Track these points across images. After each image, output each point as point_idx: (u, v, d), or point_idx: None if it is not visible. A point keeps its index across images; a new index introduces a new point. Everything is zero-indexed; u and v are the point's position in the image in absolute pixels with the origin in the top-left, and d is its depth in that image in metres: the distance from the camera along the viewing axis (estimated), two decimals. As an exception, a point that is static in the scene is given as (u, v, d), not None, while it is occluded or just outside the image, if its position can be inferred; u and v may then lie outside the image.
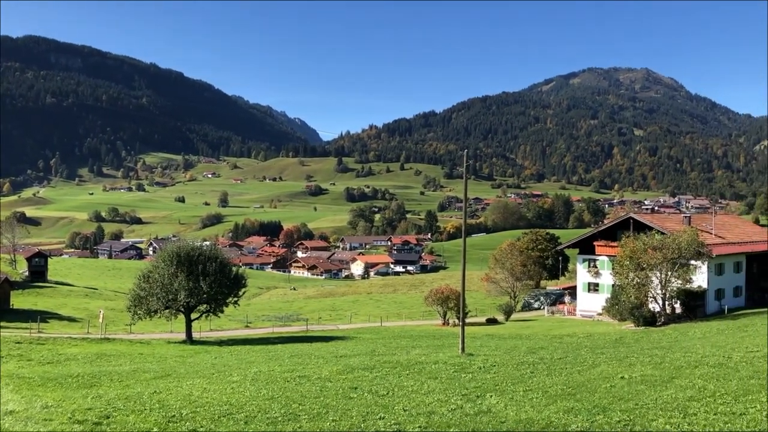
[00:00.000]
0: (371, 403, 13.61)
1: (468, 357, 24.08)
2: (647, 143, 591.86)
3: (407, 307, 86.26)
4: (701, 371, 16.13)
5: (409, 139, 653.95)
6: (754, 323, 35.87)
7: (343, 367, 20.84)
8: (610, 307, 47.35)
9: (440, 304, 58.40)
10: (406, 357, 24.72)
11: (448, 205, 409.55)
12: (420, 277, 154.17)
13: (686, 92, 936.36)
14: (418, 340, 37.77)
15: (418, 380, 17.14)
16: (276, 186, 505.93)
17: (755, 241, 59.12)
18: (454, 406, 12.83)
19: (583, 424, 10.39)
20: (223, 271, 42.28)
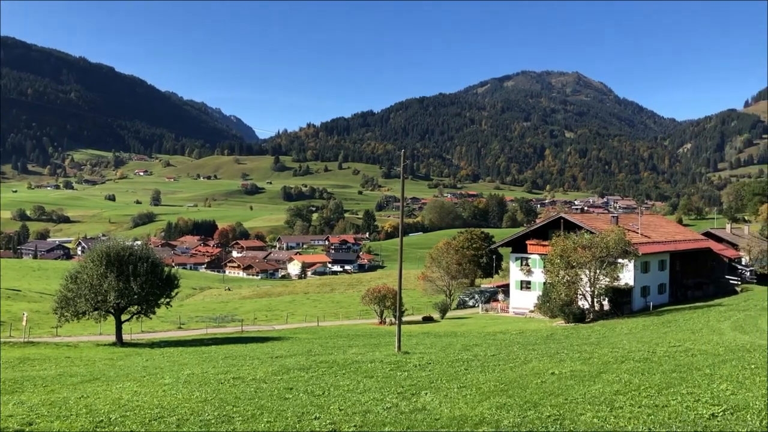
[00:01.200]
0: (307, 403, 13.51)
1: (404, 355, 24.23)
2: (577, 145, 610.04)
3: (344, 306, 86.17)
4: (627, 366, 16.69)
5: (348, 138, 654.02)
6: (677, 319, 37.45)
7: (278, 368, 20.63)
8: (542, 304, 48.55)
9: (377, 303, 58.59)
10: (343, 356, 24.68)
11: (386, 204, 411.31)
12: (358, 277, 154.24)
13: (615, 96, 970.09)
14: (355, 340, 37.79)
15: (354, 379, 17.12)
16: (210, 184, 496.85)
17: (678, 240, 61.77)
18: (389, 404, 12.86)
19: (515, 419, 10.60)
20: (155, 271, 41.15)
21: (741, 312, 38.09)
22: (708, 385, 12.53)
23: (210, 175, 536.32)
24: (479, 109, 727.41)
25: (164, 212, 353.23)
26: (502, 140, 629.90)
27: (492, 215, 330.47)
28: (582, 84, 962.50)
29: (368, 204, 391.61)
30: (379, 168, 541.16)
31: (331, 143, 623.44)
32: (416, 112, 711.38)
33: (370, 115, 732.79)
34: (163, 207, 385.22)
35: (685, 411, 10.25)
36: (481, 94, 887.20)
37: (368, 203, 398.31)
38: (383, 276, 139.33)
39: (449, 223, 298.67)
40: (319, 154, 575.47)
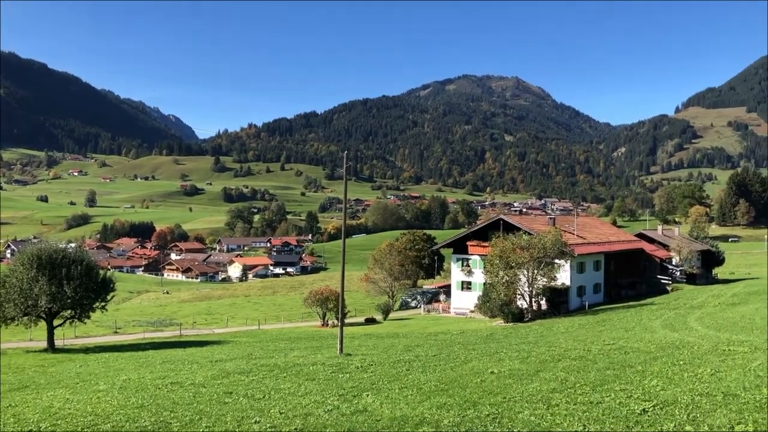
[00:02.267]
0: (247, 407, 13.34)
1: (346, 357, 24.19)
2: (517, 148, 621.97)
3: (286, 309, 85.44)
4: (564, 364, 17.11)
5: (290, 139, 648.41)
6: (611, 318, 38.60)
7: (218, 372, 20.31)
8: (482, 304, 49.28)
9: (320, 306, 58.33)
10: (284, 359, 24.47)
11: (329, 205, 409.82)
12: (300, 279, 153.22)
13: (552, 101, 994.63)
14: (297, 342, 37.52)
15: (295, 382, 17.01)
16: (148, 185, 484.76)
17: (613, 241, 63.73)
18: (330, 406, 12.82)
19: (455, 419, 10.71)
20: (90, 274, 39.85)
21: (671, 310, 39.55)
22: (640, 382, 12.97)
23: (148, 176, 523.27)
24: (422, 112, 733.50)
25: (100, 214, 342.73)
26: (444, 143, 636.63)
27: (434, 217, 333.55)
28: (521, 89, 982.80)
29: (311, 205, 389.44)
30: (322, 169, 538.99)
31: (274, 144, 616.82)
32: (360, 113, 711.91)
33: (313, 116, 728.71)
34: (98, 208, 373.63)
35: (618, 407, 10.57)
36: (423, 97, 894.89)
37: (311, 205, 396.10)
38: (326, 278, 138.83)
39: (392, 224, 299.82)
40: (261, 155, 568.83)
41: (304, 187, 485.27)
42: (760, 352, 16.33)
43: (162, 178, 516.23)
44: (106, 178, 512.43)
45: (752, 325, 27.49)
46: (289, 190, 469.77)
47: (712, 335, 23.90)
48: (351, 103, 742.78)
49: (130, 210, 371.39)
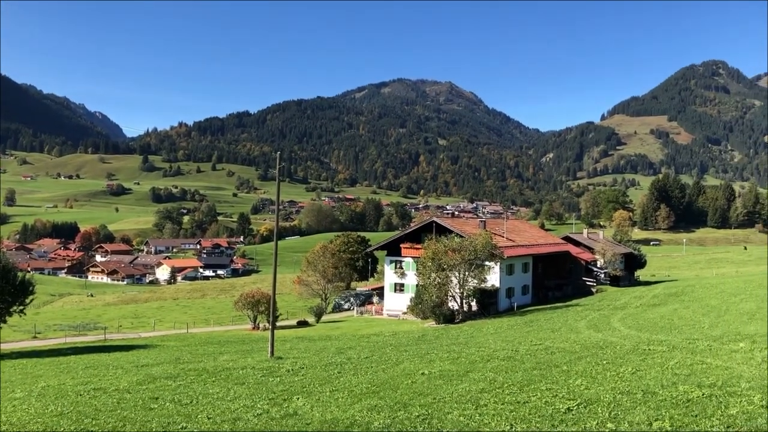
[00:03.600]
0: (173, 413, 12.98)
1: (277, 360, 23.92)
2: (450, 152, 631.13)
3: (216, 312, 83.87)
4: (492, 364, 17.40)
5: (222, 138, 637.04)
6: (539, 319, 39.60)
7: (143, 377, 19.69)
8: (414, 306, 49.59)
9: (251, 308, 57.43)
10: (213, 363, 23.98)
11: (262, 207, 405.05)
12: (231, 281, 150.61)
13: (485, 106, 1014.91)
14: (227, 346, 36.83)
15: (224, 387, 16.68)
16: (72, 184, 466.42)
17: (541, 243, 65.40)
18: (260, 410, 12.63)
19: (385, 420, 10.72)
20: (7, 276, 37.98)
21: (596, 311, 40.89)
22: (565, 381, 13.31)
23: (72, 175, 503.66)
24: (357, 114, 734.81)
25: (19, 213, 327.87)
26: (379, 145, 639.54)
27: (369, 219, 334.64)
28: (454, 93, 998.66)
29: (243, 207, 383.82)
30: (255, 170, 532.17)
31: (205, 143, 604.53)
32: (294, 114, 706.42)
33: (246, 115, 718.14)
34: (18, 207, 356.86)
35: (544, 406, 10.81)
36: (359, 99, 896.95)
37: (243, 206, 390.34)
38: (258, 280, 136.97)
39: (327, 226, 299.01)
40: (192, 155, 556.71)
41: (236, 188, 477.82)
42: (677, 351, 17.07)
43: (87, 177, 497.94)
44: (27, 177, 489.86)
45: (671, 325, 28.76)
46: (221, 190, 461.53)
47: (634, 335, 24.85)
48: (285, 103, 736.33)
49: (52, 210, 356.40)
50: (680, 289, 53.59)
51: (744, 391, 10.43)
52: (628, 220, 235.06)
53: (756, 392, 10.17)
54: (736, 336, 20.13)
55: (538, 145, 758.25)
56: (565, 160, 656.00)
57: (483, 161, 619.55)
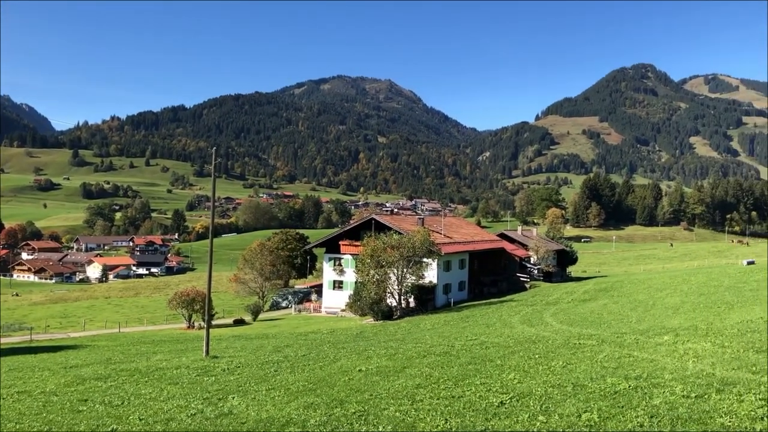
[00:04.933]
0: (103, 414, 12.63)
1: (212, 359, 23.58)
2: (389, 150, 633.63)
3: (150, 311, 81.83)
4: (429, 360, 17.60)
5: (156, 133, 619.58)
6: (474, 314, 40.25)
7: (72, 379, 19.07)
8: (353, 303, 49.67)
9: (185, 307, 56.28)
10: (146, 363, 23.43)
11: (198, 204, 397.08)
12: (165, 280, 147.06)
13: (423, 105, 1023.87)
14: (161, 345, 35.98)
15: (157, 387, 16.34)
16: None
17: (477, 240, 66.44)
18: (194, 410, 12.44)
19: (321, 418, 10.72)
20: None
21: (529, 307, 41.88)
22: (498, 375, 13.59)
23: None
24: (296, 110, 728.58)
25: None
26: (318, 142, 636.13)
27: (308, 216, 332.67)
28: (394, 92, 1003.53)
29: (178, 203, 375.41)
30: (190, 166, 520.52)
31: (138, 138, 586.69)
32: (231, 109, 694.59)
33: (181, 109, 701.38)
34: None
35: (478, 400, 11.01)
36: (298, 95, 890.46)
37: (178, 202, 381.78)
38: (193, 278, 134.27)
39: (264, 223, 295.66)
40: (125, 150, 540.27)
41: (171, 184, 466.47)
42: (606, 345, 17.65)
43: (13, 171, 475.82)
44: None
45: (600, 320, 29.71)
46: (155, 186, 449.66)
47: (565, 330, 25.56)
48: (222, 98, 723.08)
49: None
50: (610, 285, 55.43)
51: (667, 382, 10.89)
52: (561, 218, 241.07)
53: (678, 383, 10.63)
54: (661, 330, 20.97)
55: (475, 144, 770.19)
56: (501, 159, 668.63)
57: (422, 159, 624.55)
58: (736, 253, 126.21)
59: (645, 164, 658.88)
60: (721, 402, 9.06)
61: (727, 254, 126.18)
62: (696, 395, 9.62)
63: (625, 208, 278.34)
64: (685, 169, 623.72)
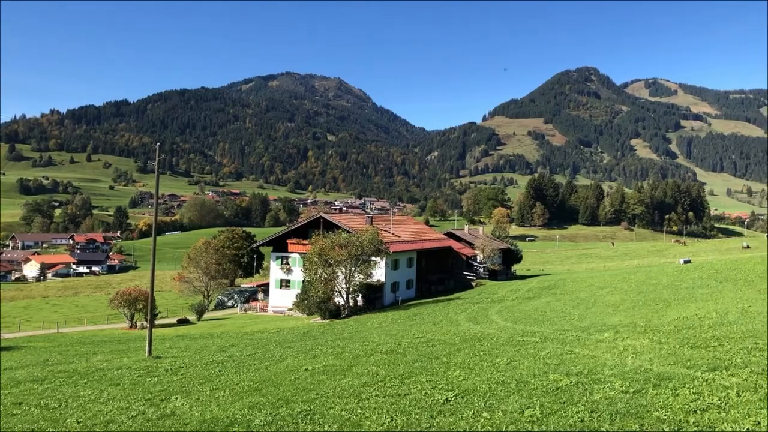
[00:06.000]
0: (39, 418, 12.22)
1: (155, 360, 23.10)
2: (338, 148, 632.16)
3: (90, 310, 79.61)
4: (376, 358, 17.61)
5: (98, 128, 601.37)
6: (422, 312, 40.53)
7: (6, 381, 18.37)
8: (300, 302, 49.37)
9: (127, 307, 54.95)
10: (85, 364, 22.76)
11: (141, 201, 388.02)
12: (107, 278, 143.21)
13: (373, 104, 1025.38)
14: (101, 346, 34.99)
15: (97, 388, 15.90)
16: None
17: (425, 239, 66.94)
18: (135, 412, 12.16)
19: (267, 417, 10.61)
20: None
21: (475, 304, 42.42)
22: (444, 373, 13.70)
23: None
24: (244, 107, 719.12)
25: None
26: (266, 139, 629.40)
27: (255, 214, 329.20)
28: (343, 90, 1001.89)
29: (121, 200, 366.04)
30: (134, 162, 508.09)
31: (79, 133, 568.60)
32: (177, 104, 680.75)
33: (124, 104, 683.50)
34: None
35: (424, 398, 11.07)
36: (245, 92, 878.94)
37: (121, 199, 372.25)
38: (136, 277, 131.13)
39: (210, 221, 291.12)
40: (65, 144, 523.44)
41: (113, 180, 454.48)
42: (549, 342, 18.02)
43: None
44: None
45: (544, 317, 30.33)
46: (96, 183, 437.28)
47: (510, 327, 25.99)
48: (167, 93, 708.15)
49: None
50: (553, 283, 56.61)
51: (607, 378, 11.17)
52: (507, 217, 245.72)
53: (617, 379, 10.92)
54: (601, 327, 21.53)
55: (424, 144, 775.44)
56: (449, 159, 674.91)
57: (371, 158, 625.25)
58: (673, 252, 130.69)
59: (588, 165, 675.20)
60: (658, 396, 9.34)
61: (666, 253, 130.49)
62: (634, 390, 9.89)
63: (568, 208, 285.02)
64: (626, 170, 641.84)
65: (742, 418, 7.78)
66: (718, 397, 8.87)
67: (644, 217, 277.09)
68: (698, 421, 7.89)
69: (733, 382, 9.74)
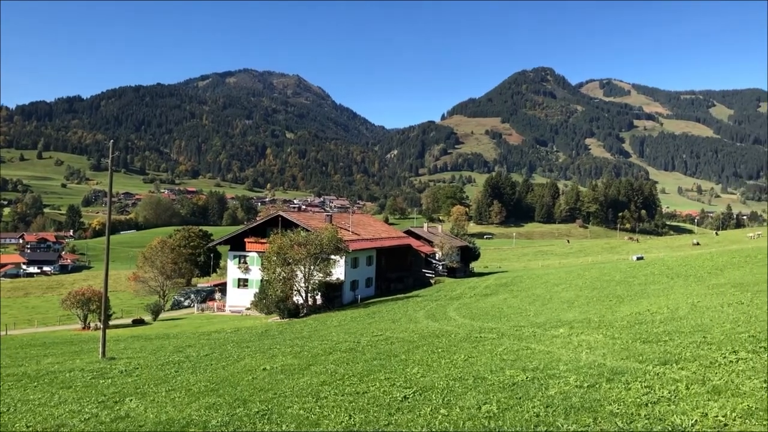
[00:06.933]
0: (-15, 423, 11.84)
1: (109, 361, 22.65)
2: (297, 146, 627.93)
3: (42, 312, 77.53)
4: (334, 357, 17.61)
5: (50, 124, 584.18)
6: (381, 310, 40.62)
7: (-50, 387, 17.73)
8: (258, 301, 48.96)
9: (80, 307, 53.69)
10: (36, 367, 22.16)
11: (95, 199, 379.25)
12: (59, 279, 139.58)
13: (332, 102, 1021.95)
14: (53, 348, 34.08)
15: (48, 392, 15.49)
16: None
17: (384, 237, 67.09)
18: (88, 415, 11.90)
19: (224, 418, 10.51)
20: None
21: (433, 302, 42.70)
22: (403, 370, 13.77)
23: None
24: (200, 104, 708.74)
25: None
26: (223, 137, 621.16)
27: (212, 213, 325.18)
28: (302, 87, 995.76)
29: (74, 198, 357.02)
30: (87, 159, 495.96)
31: (30, 129, 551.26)
32: (132, 101, 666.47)
33: (77, 100, 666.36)
34: None
35: (382, 395, 11.11)
36: (202, 88, 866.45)
37: (74, 198, 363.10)
38: (89, 277, 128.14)
39: (166, 220, 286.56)
40: (14, 141, 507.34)
41: (66, 178, 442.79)
42: (506, 338, 18.27)
43: None
44: None
45: (501, 314, 30.70)
46: (48, 180, 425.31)
47: (467, 324, 26.24)
48: (122, 89, 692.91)
49: None
50: (510, 280, 57.36)
51: (562, 373, 11.38)
52: (465, 215, 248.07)
53: (572, 374, 11.13)
54: (557, 322, 21.90)
55: (384, 142, 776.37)
56: (409, 157, 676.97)
57: (330, 156, 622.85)
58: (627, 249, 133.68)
59: (544, 164, 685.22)
60: (611, 390, 9.55)
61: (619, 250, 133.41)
62: (588, 385, 10.10)
63: (524, 206, 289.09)
64: (581, 169, 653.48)
65: (690, 410, 8.01)
66: (668, 390, 9.11)
67: (598, 215, 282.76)
68: (649, 413, 8.10)
69: (682, 375, 10.02)
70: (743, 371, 9.74)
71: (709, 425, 7.35)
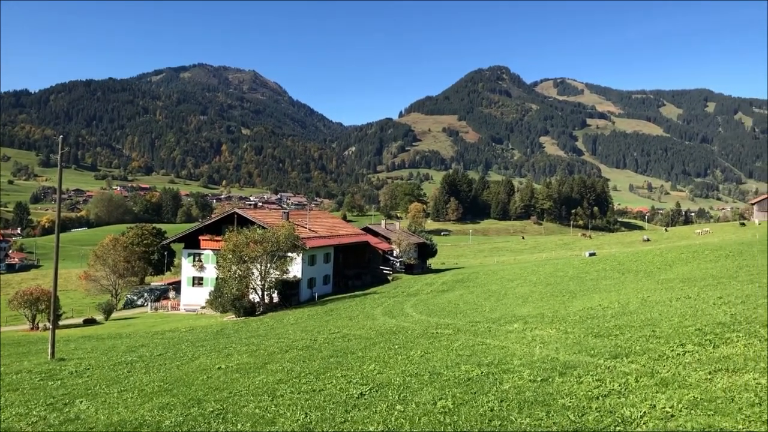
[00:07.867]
0: (-75, 429, 11.41)
1: (59, 362, 22.08)
2: (254, 142, 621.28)
3: (-13, 312, 74.87)
4: (291, 355, 17.52)
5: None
6: (338, 307, 40.58)
7: None
8: (214, 299, 48.35)
9: (29, 307, 52.22)
10: (-20, 370, 21.43)
11: (44, 196, 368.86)
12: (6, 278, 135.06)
13: (289, 98, 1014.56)
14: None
15: (-7, 395, 15.01)
16: None
17: (342, 234, 67.00)
18: (36, 418, 11.59)
19: (177, 418, 10.37)
20: None
21: (391, 298, 42.86)
22: (359, 367, 13.79)
23: None
24: (153, 99, 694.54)
25: None
26: (177, 132, 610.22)
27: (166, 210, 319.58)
28: (258, 83, 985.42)
29: (21, 195, 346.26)
30: (35, 155, 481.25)
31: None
32: (82, 95, 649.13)
33: (25, 94, 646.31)
34: None
35: (339, 393, 11.11)
36: (155, 83, 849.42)
37: (21, 194, 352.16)
38: (38, 276, 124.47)
39: (118, 217, 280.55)
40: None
41: (13, 175, 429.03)
42: (461, 334, 18.45)
43: None
44: None
45: (457, 310, 30.99)
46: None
47: (424, 320, 26.42)
48: (72, 83, 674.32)
49: None
50: (466, 276, 57.94)
51: (516, 367, 11.56)
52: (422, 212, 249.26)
53: (526, 368, 11.32)
54: (512, 318, 22.23)
55: (341, 139, 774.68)
56: (367, 154, 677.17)
57: (288, 152, 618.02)
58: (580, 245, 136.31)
59: (499, 162, 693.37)
60: (563, 384, 9.75)
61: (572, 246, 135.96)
62: (541, 379, 10.28)
63: (481, 203, 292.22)
64: (536, 166, 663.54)
65: (639, 402, 8.23)
66: (618, 383, 9.35)
67: (552, 212, 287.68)
68: (600, 406, 8.29)
69: (632, 368, 10.29)
70: (689, 363, 10.06)
71: (657, 416, 7.57)
